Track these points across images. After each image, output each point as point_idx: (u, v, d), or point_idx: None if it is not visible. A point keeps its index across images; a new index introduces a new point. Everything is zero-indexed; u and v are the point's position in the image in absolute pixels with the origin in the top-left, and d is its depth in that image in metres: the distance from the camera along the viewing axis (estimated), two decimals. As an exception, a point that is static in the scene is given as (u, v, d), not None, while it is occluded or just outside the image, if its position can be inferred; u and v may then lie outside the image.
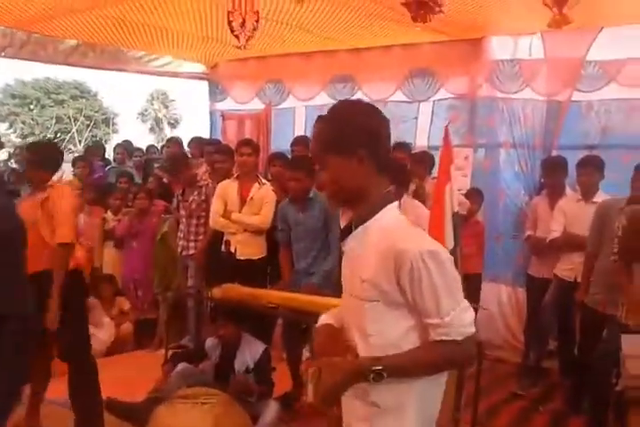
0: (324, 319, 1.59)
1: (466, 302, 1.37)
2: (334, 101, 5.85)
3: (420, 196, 3.96)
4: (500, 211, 4.87)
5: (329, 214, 3.65)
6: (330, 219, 3.65)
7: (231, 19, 3.23)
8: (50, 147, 3.40)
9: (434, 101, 5.21)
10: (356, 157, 1.39)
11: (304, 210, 3.69)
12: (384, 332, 1.37)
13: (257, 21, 3.21)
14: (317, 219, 3.66)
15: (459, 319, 1.33)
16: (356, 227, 1.43)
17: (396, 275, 1.33)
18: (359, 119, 1.41)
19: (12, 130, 29.88)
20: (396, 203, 1.45)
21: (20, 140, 28.22)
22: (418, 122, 5.23)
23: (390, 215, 1.41)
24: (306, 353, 3.94)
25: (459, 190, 4.59)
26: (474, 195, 4.55)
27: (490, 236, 4.75)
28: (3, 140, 9.63)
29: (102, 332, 4.73)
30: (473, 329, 1.35)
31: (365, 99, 5.50)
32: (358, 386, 1.36)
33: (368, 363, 1.34)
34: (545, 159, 4.42)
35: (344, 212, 1.63)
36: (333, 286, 3.62)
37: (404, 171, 3.62)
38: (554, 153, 4.51)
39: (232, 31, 3.28)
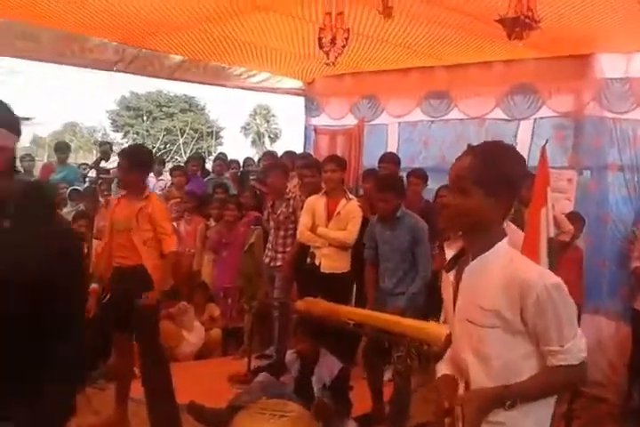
0: (441, 370, 1.71)
1: (579, 330, 1.50)
2: (428, 118, 5.73)
3: (515, 220, 3.75)
4: (605, 237, 4.51)
5: (417, 235, 3.60)
6: (418, 240, 3.60)
7: (321, 35, 3.28)
8: (140, 150, 3.58)
9: (535, 120, 4.96)
10: (495, 197, 1.52)
11: (392, 228, 3.66)
12: (503, 356, 1.50)
13: (347, 38, 3.23)
14: (405, 238, 3.61)
15: (576, 346, 1.46)
16: (474, 258, 1.54)
17: (521, 304, 1.44)
18: (511, 167, 1.54)
19: (125, 139, 32.11)
20: (507, 238, 1.55)
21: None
22: (517, 141, 4.97)
23: (504, 249, 1.54)
24: (387, 374, 3.86)
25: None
26: (574, 219, 4.26)
27: (593, 264, 4.43)
28: (116, 148, 10.35)
29: (192, 336, 4.91)
30: (585, 354, 1.48)
31: (462, 116, 5.38)
32: None
33: (501, 391, 1.48)
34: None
35: (450, 243, 1.73)
36: (417, 308, 3.55)
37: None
38: (666, 177, 4.17)
39: (321, 47, 3.31)
